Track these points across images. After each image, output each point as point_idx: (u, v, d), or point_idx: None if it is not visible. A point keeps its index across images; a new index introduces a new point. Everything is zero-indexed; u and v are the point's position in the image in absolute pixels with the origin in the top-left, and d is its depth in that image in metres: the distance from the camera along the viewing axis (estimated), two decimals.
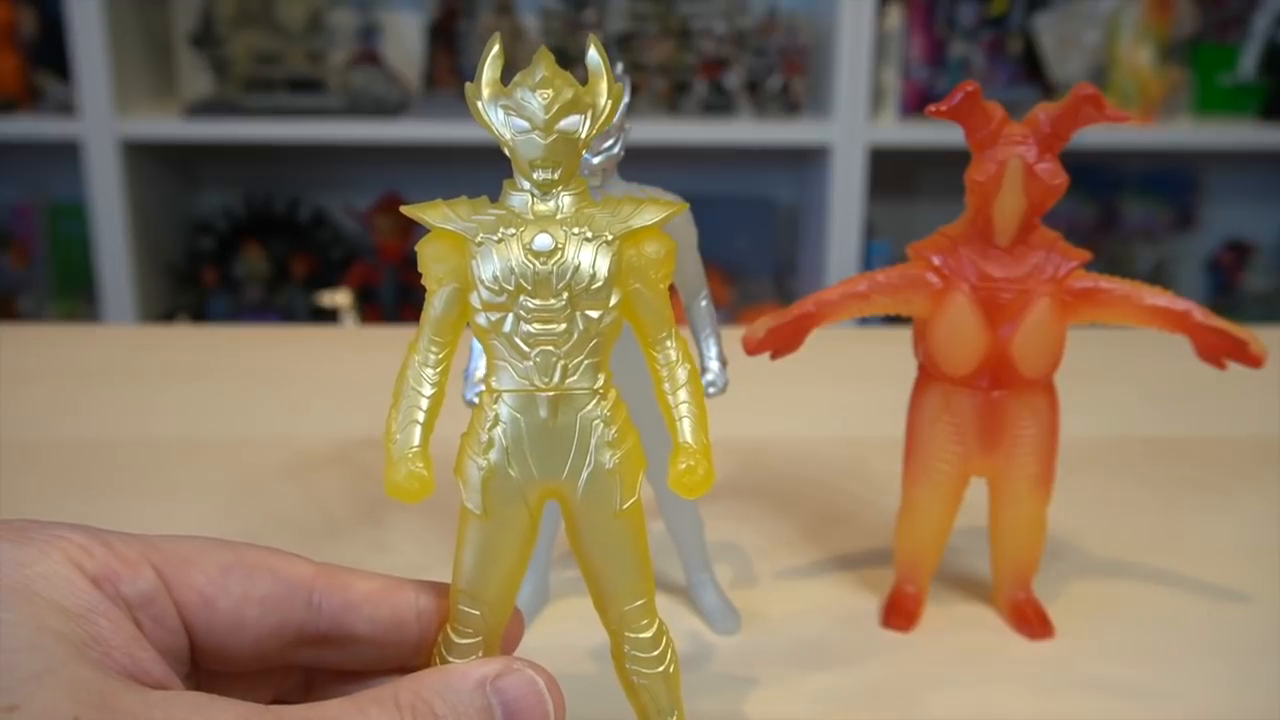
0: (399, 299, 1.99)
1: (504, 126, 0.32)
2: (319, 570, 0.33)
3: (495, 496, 0.33)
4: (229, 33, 1.85)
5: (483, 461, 0.32)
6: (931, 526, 0.48)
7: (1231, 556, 0.53)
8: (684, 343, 0.34)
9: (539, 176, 0.32)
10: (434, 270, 0.33)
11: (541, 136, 0.32)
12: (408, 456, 0.32)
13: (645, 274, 0.33)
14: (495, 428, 0.32)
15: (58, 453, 0.63)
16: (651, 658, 0.34)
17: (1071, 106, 0.43)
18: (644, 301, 0.33)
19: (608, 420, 0.33)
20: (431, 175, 2.06)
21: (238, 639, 0.32)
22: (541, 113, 0.32)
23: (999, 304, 0.44)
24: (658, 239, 0.33)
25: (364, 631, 0.33)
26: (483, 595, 0.33)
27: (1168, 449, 0.65)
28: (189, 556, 0.31)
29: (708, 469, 0.33)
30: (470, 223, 0.32)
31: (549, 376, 0.32)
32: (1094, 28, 1.89)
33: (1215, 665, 0.45)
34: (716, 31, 1.88)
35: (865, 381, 0.71)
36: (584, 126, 0.33)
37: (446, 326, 0.33)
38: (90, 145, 1.77)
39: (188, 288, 2.02)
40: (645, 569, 0.34)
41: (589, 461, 0.33)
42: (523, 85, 0.32)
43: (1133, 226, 2.16)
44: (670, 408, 0.34)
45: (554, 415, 0.32)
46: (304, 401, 0.71)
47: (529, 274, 0.32)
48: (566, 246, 0.32)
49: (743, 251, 2.09)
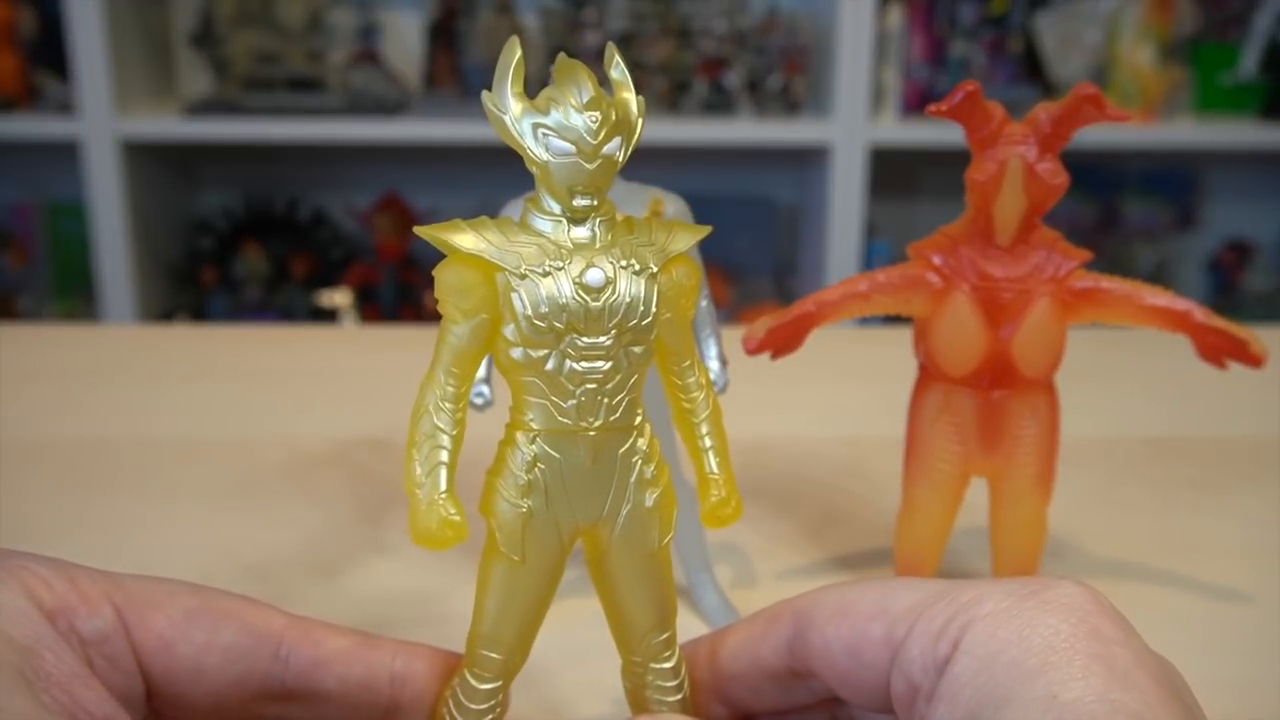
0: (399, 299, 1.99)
1: (539, 147, 0.30)
2: (290, 623, 0.32)
3: (534, 540, 0.31)
4: (229, 32, 1.85)
5: (523, 505, 0.31)
6: (932, 526, 0.48)
7: (1231, 556, 0.53)
8: (705, 371, 0.34)
9: (579, 204, 0.30)
10: (458, 301, 0.30)
11: (588, 162, 0.30)
12: (438, 502, 0.30)
13: (677, 302, 0.32)
14: (534, 469, 0.30)
15: (57, 453, 0.63)
16: (672, 687, 0.34)
17: (1072, 106, 0.43)
18: (671, 330, 0.32)
19: (646, 457, 0.32)
20: (431, 175, 2.06)
21: (198, 687, 0.31)
22: (590, 137, 0.29)
23: (1000, 304, 0.44)
24: (688, 265, 0.32)
25: (333, 689, 0.32)
26: (505, 639, 0.32)
27: (1168, 449, 0.65)
28: (153, 599, 0.31)
29: (738, 501, 0.33)
30: (509, 252, 0.30)
31: (594, 416, 0.30)
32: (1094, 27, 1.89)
33: (1215, 665, 0.45)
34: (716, 31, 1.88)
35: (865, 381, 0.71)
36: (623, 149, 0.30)
37: (468, 359, 0.30)
38: (90, 145, 1.77)
39: (187, 287, 2.02)
40: (672, 601, 0.33)
41: (628, 500, 0.31)
42: (565, 104, 0.30)
43: (1133, 226, 2.16)
44: (695, 438, 0.33)
45: (595, 455, 0.31)
46: (304, 401, 0.71)
47: (581, 311, 0.30)
48: (617, 281, 0.30)
49: (743, 251, 2.10)
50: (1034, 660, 0.27)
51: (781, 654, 0.33)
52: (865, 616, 0.31)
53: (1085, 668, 0.26)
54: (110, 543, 0.54)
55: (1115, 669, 0.26)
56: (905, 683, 0.30)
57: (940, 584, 0.31)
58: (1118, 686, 0.26)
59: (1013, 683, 0.26)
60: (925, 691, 0.29)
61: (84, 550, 0.32)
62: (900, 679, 0.30)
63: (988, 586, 0.29)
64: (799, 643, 0.32)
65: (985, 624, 0.28)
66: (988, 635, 0.28)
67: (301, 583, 0.50)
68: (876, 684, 0.31)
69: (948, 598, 0.29)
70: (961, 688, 0.27)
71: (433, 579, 0.50)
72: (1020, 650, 0.27)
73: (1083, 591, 0.29)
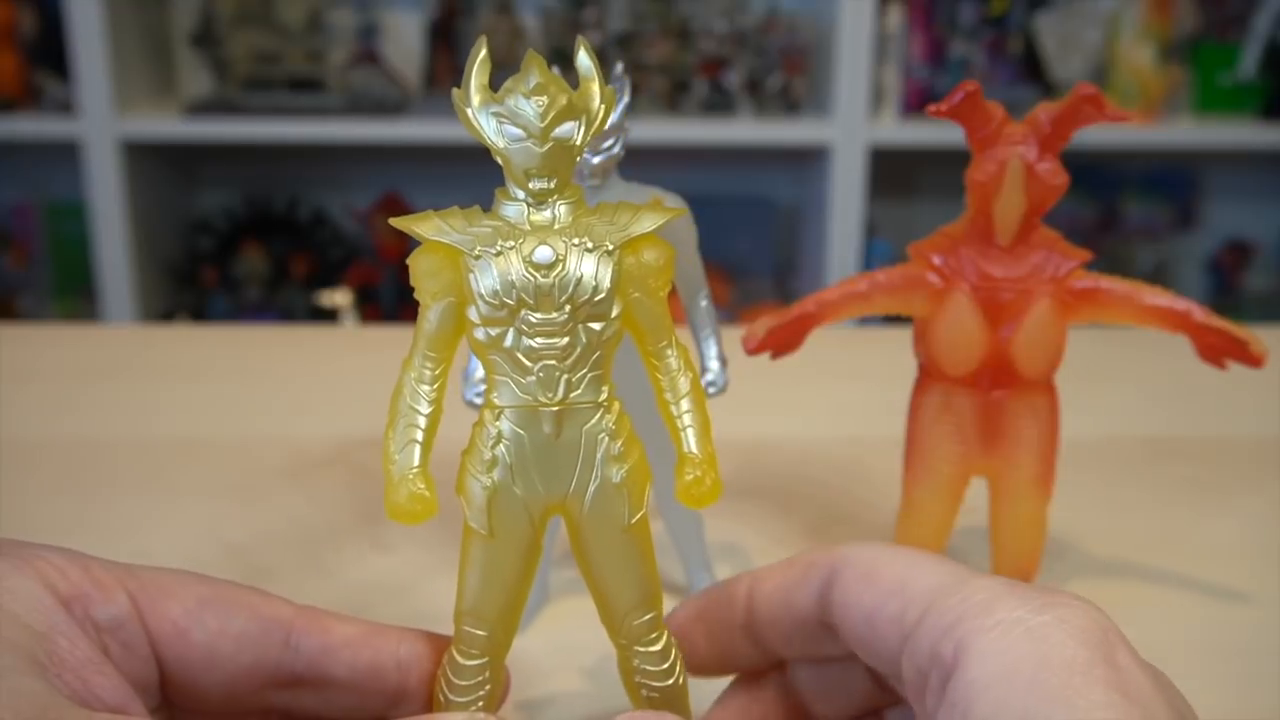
0: (399, 299, 1.99)
1: (496, 135, 0.31)
2: (299, 611, 0.32)
3: (500, 515, 0.32)
4: (229, 32, 1.85)
5: (486, 480, 0.32)
6: (932, 526, 0.48)
7: (1231, 556, 0.53)
8: (685, 351, 0.34)
9: (535, 186, 0.31)
10: (428, 285, 0.32)
11: (537, 145, 0.31)
12: (408, 477, 0.31)
13: (645, 282, 0.32)
14: (498, 445, 0.32)
15: (57, 453, 0.63)
16: (661, 670, 0.34)
17: (1072, 106, 0.43)
18: (644, 310, 0.33)
19: (613, 434, 0.32)
20: (431, 175, 2.06)
21: (211, 675, 0.31)
22: (537, 120, 0.31)
23: (999, 304, 0.44)
24: (657, 246, 0.32)
25: (342, 676, 0.32)
26: (487, 614, 0.33)
27: (1168, 449, 0.65)
28: (166, 587, 0.31)
29: (714, 479, 0.33)
30: (466, 235, 0.31)
31: (552, 392, 0.31)
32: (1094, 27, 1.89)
33: (1215, 665, 0.45)
34: (716, 31, 1.88)
35: (865, 381, 0.71)
36: (579, 133, 0.32)
37: (442, 342, 0.32)
38: (90, 145, 1.77)
39: (187, 287, 2.02)
40: (654, 582, 0.34)
41: (595, 476, 0.32)
42: (515, 92, 0.31)
43: (1133, 226, 2.16)
44: (673, 418, 0.33)
45: (558, 431, 0.32)
46: (304, 401, 0.71)
47: (530, 288, 0.31)
48: (568, 258, 0.31)
49: (743, 251, 2.09)
50: (1055, 681, 0.27)
51: (813, 603, 0.33)
52: (886, 589, 0.31)
53: (1105, 696, 0.26)
54: (110, 543, 0.54)
55: (1132, 698, 0.27)
56: (915, 672, 0.30)
57: (956, 573, 0.31)
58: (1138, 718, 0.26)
59: (1034, 702, 0.26)
60: (934, 686, 0.29)
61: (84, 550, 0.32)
62: (910, 666, 0.30)
63: (998, 591, 0.29)
64: (827, 595, 0.32)
65: (997, 633, 0.28)
66: (1002, 647, 0.28)
67: (302, 582, 0.50)
68: (887, 657, 0.31)
69: (960, 593, 0.30)
70: (976, 697, 0.27)
71: (433, 579, 0.50)
72: (1039, 669, 0.27)
73: (1092, 611, 0.29)
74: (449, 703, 0.33)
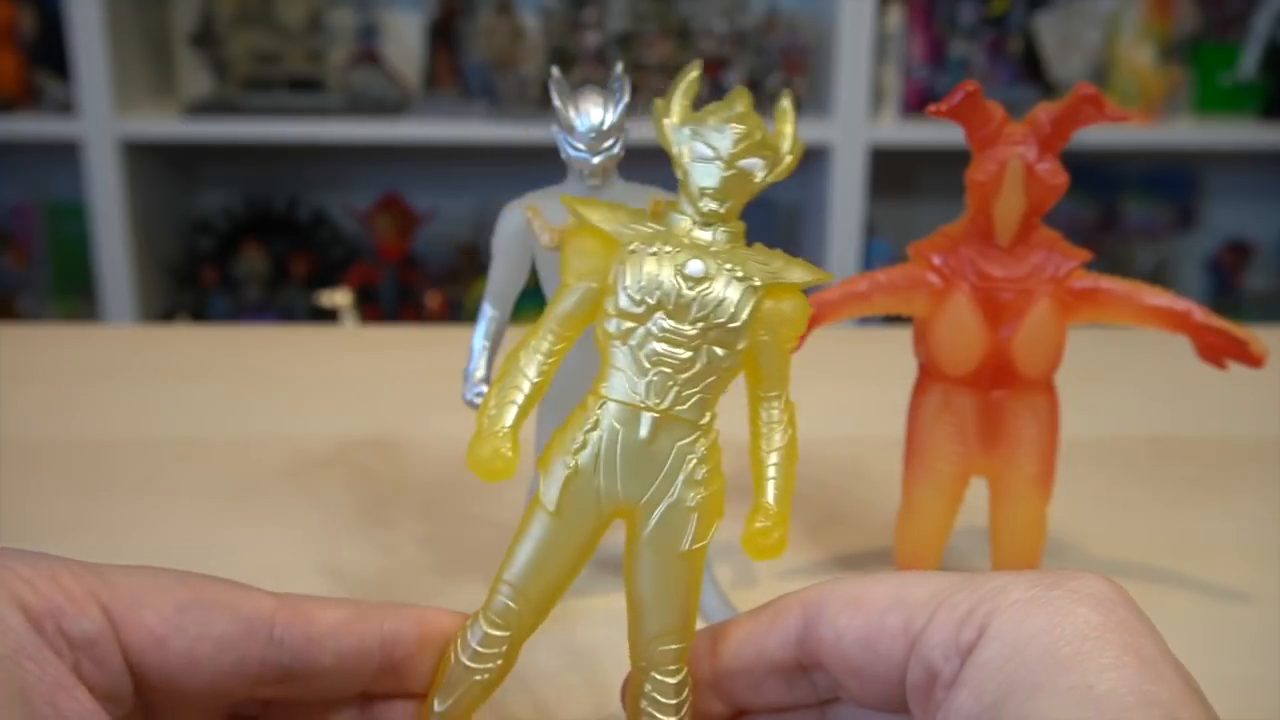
0: (399, 299, 1.99)
1: (685, 149, 0.33)
2: (281, 603, 0.32)
3: (572, 498, 0.32)
4: (229, 32, 1.85)
5: (571, 461, 0.32)
6: (932, 526, 0.48)
7: (1231, 556, 0.53)
8: (793, 408, 0.35)
9: (706, 206, 0.33)
10: (576, 264, 0.33)
11: (721, 168, 0.32)
12: (498, 434, 0.32)
13: (777, 329, 0.33)
14: (593, 431, 0.32)
15: (57, 453, 0.63)
16: (670, 704, 0.33)
17: (1072, 106, 0.43)
18: (768, 354, 0.34)
19: (702, 459, 0.33)
20: (431, 175, 2.06)
21: (194, 678, 0.30)
22: (729, 145, 0.32)
23: (999, 304, 0.44)
24: (798, 300, 0.33)
25: (329, 664, 0.32)
26: (527, 591, 0.33)
27: (1168, 449, 0.65)
28: (141, 595, 0.30)
29: (783, 535, 0.33)
30: (628, 229, 0.33)
31: (660, 398, 0.32)
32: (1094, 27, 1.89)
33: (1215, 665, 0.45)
34: (716, 31, 1.87)
35: (865, 381, 0.71)
36: (762, 172, 0.33)
37: (571, 322, 0.33)
38: (90, 145, 1.77)
39: (187, 287, 2.02)
40: (691, 615, 0.33)
41: (672, 492, 0.32)
42: (717, 115, 0.33)
43: (1133, 226, 2.16)
44: (761, 464, 0.34)
45: (653, 437, 0.32)
46: (304, 401, 0.71)
47: (673, 294, 0.32)
48: (716, 279, 0.32)
49: None
50: (1067, 649, 0.27)
51: (789, 647, 0.33)
52: (880, 608, 0.31)
53: (1118, 659, 0.26)
54: (110, 543, 0.54)
55: (1145, 660, 0.27)
56: (924, 671, 0.29)
57: (957, 575, 0.31)
58: (1149, 678, 0.26)
59: (1045, 670, 0.26)
60: (945, 678, 0.29)
61: (84, 550, 0.32)
62: (918, 667, 0.30)
63: (1011, 576, 0.29)
64: (808, 635, 0.32)
65: (1014, 611, 0.28)
66: (1017, 622, 0.28)
67: (301, 583, 0.50)
68: (890, 676, 0.31)
69: (969, 587, 0.30)
70: (990, 675, 0.27)
71: (434, 579, 0.50)
72: (1052, 638, 0.27)
73: (1106, 583, 0.29)
74: (458, 664, 0.33)
